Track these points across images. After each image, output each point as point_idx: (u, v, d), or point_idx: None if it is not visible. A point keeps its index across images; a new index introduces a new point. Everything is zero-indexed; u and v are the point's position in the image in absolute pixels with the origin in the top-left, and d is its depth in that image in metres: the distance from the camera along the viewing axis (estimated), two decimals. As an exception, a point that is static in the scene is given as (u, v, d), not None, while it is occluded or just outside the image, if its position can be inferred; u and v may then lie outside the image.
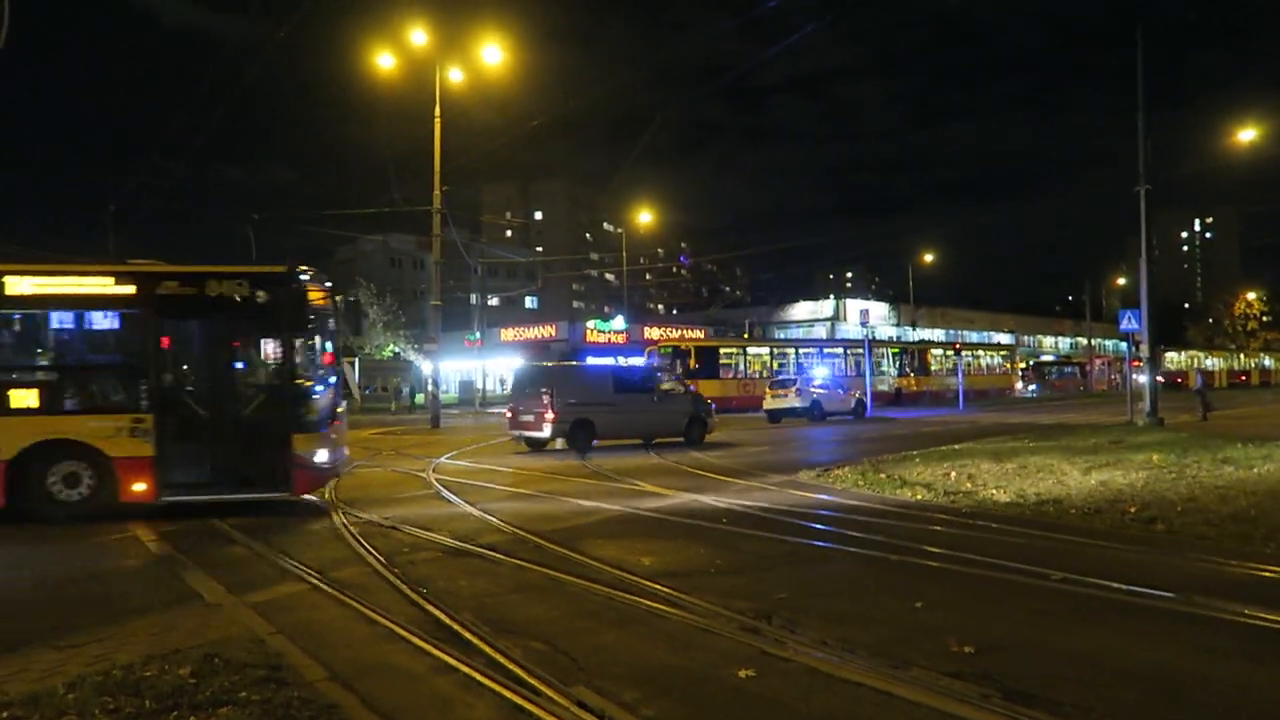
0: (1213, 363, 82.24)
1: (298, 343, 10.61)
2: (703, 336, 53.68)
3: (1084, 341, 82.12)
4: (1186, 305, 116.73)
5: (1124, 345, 32.29)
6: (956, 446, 18.08)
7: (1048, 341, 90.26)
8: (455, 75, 28.61)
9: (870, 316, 68.27)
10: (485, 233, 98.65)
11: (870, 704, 4.26)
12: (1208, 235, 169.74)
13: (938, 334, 71.84)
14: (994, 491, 11.29)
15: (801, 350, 46.70)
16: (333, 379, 11.05)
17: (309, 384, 10.59)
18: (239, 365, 11.27)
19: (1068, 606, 6.06)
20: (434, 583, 6.84)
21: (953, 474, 13.01)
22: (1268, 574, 6.93)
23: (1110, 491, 11.02)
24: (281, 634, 5.52)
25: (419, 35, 26.45)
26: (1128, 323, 24.12)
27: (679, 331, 60.03)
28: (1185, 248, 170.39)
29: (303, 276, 10.57)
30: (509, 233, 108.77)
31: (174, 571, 7.62)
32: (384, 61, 26.17)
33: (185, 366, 11.31)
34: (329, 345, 11.10)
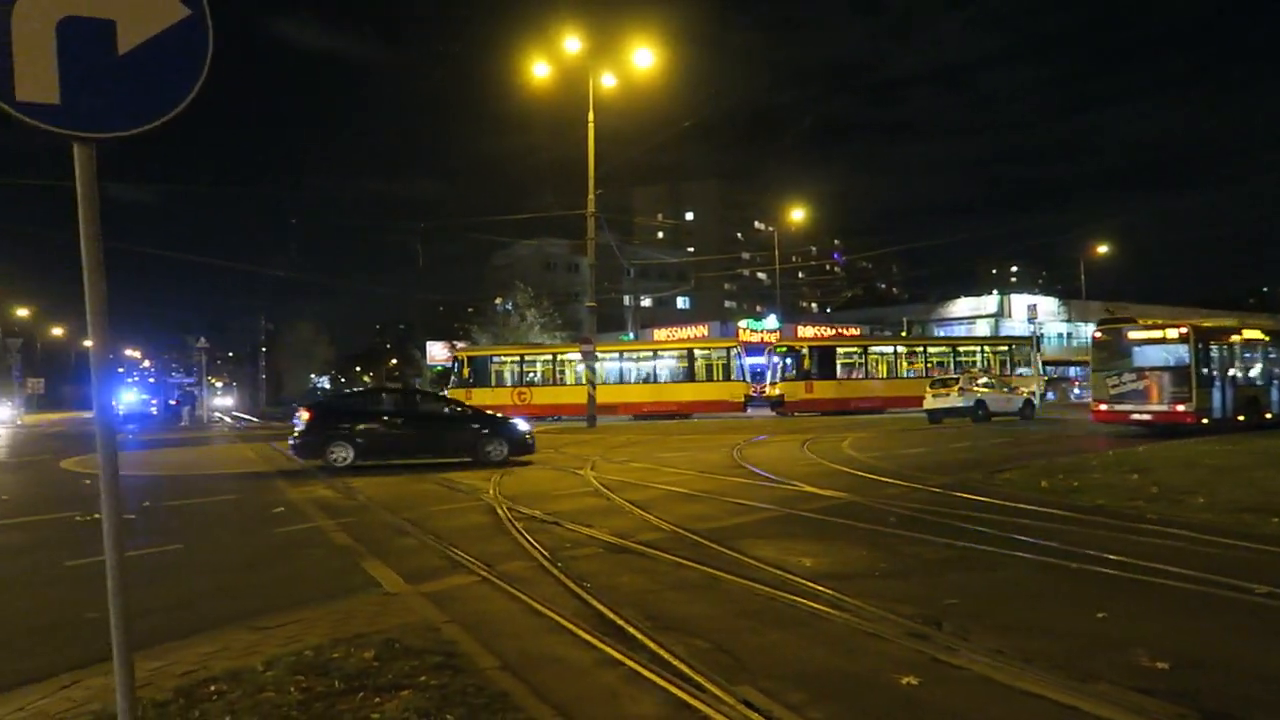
0: None
1: None
2: (858, 334, 52.52)
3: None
4: None
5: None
6: (1140, 449, 16.90)
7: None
8: (607, 80, 29.14)
9: (1039, 312, 65.11)
10: (637, 234, 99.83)
11: (1052, 718, 4.04)
12: None
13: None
14: (1185, 497, 10.49)
15: (931, 348, 42.02)
16: None
17: None
18: None
19: (1274, 623, 5.56)
20: (596, 578, 6.97)
21: (1135, 478, 12.18)
22: None
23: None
24: (454, 623, 5.75)
25: (573, 43, 27.05)
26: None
27: (833, 329, 58.91)
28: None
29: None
30: (660, 234, 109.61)
31: (353, 561, 8.10)
32: (539, 70, 26.90)
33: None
34: None
